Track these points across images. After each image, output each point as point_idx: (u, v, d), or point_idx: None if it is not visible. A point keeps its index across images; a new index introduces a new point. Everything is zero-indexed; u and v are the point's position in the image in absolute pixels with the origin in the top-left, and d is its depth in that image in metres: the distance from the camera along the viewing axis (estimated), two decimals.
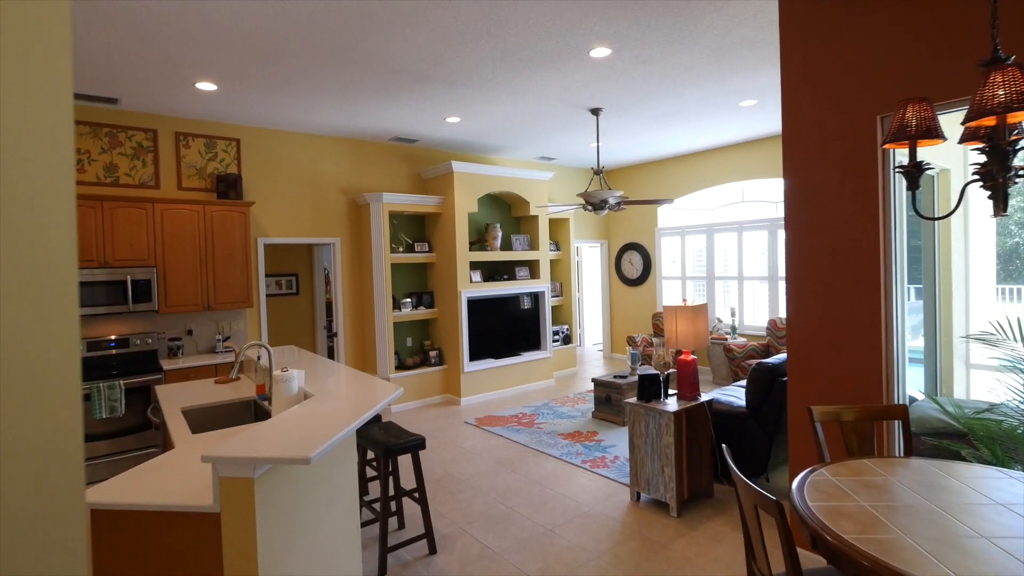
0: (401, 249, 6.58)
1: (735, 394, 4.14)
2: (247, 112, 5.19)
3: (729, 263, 7.61)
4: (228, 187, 5.35)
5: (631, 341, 7.40)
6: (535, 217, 7.38)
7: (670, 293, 8.41)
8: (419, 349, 6.84)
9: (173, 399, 3.37)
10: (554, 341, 7.88)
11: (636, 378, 5.59)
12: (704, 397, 3.69)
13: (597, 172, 5.55)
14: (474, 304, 6.70)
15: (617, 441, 4.90)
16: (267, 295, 6.71)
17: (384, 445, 2.98)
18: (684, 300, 3.41)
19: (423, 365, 6.63)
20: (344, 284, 6.36)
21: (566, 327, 8.06)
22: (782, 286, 6.98)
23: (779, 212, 7.04)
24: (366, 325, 6.45)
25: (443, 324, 6.69)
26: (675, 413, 3.43)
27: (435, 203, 6.55)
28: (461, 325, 6.42)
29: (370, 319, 6.34)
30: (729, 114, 5.76)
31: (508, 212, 7.58)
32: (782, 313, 6.97)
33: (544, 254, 7.39)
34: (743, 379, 6.33)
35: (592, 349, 10.17)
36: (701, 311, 3.64)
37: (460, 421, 5.76)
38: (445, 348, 6.68)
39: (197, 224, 5.06)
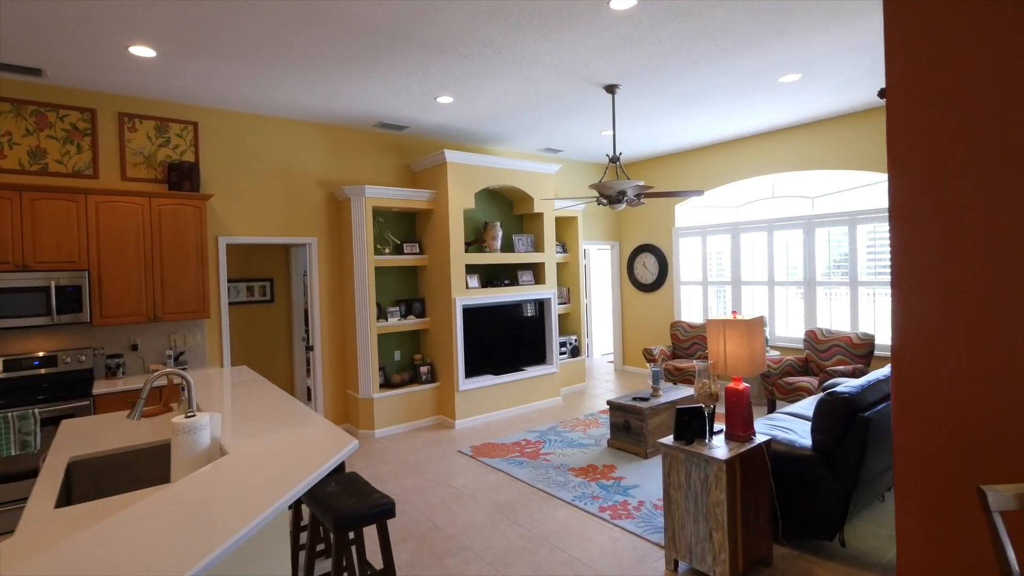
0: (387, 250, 5.79)
1: (793, 428, 3.33)
2: (205, 90, 4.42)
3: (757, 266, 6.79)
4: (182, 177, 4.57)
5: (648, 355, 6.58)
6: (540, 215, 6.58)
7: (689, 300, 7.59)
8: (408, 364, 6.04)
9: (72, 440, 2.57)
10: (561, 353, 7.06)
11: (660, 400, 4.78)
12: (759, 436, 2.88)
13: (613, 160, 4.76)
14: (471, 313, 5.90)
15: (640, 480, 4.08)
16: (233, 303, 5.92)
17: (336, 513, 2.17)
18: (735, 312, 2.60)
19: (412, 382, 5.82)
20: (322, 290, 5.56)
21: (574, 338, 7.25)
22: (820, 292, 6.15)
23: (816, 209, 6.22)
24: (347, 337, 5.65)
25: (435, 335, 5.89)
26: (727, 461, 2.61)
27: (426, 198, 5.76)
28: (456, 337, 5.62)
29: (351, 330, 5.54)
30: (765, 94, 4.97)
31: (509, 209, 6.78)
32: (822, 323, 6.14)
33: (550, 256, 6.59)
34: (780, 399, 5.50)
35: (602, 360, 9.35)
36: (756, 327, 2.83)
37: (453, 450, 4.94)
38: (438, 363, 5.88)
39: (142, 220, 4.28)
